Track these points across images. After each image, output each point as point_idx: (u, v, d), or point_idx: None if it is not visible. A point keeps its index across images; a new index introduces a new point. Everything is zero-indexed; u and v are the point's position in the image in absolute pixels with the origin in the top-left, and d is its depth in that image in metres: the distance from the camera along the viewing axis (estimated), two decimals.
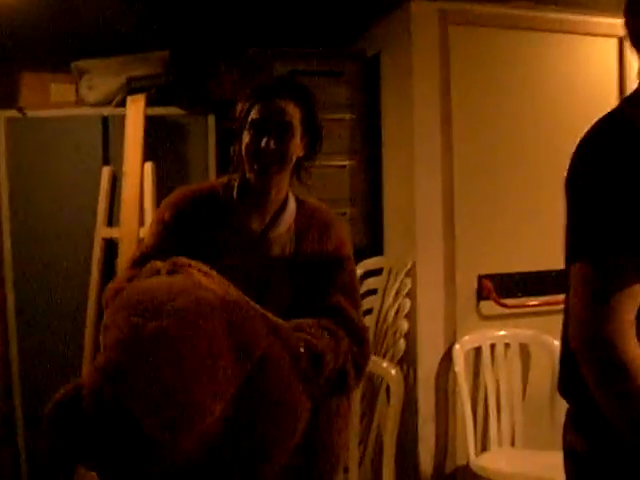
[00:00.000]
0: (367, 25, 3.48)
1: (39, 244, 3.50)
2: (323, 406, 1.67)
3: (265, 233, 1.80)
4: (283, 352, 1.54)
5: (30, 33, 3.46)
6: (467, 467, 3.15)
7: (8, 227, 3.53)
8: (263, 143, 1.71)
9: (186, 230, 1.78)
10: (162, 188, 3.25)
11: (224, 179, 1.88)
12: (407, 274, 3.14)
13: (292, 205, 1.86)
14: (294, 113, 1.74)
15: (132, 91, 3.49)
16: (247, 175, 1.78)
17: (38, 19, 3.34)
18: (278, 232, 1.82)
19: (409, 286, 3.13)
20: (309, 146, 1.83)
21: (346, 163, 3.45)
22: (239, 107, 1.79)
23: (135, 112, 3.34)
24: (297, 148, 1.78)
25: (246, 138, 1.74)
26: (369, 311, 3.33)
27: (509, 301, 3.26)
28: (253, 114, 1.74)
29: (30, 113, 3.54)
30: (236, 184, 1.83)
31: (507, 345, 3.27)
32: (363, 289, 3.37)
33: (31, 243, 3.50)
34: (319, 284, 1.79)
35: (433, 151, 3.17)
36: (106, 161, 3.51)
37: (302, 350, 1.58)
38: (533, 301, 3.27)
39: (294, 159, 1.79)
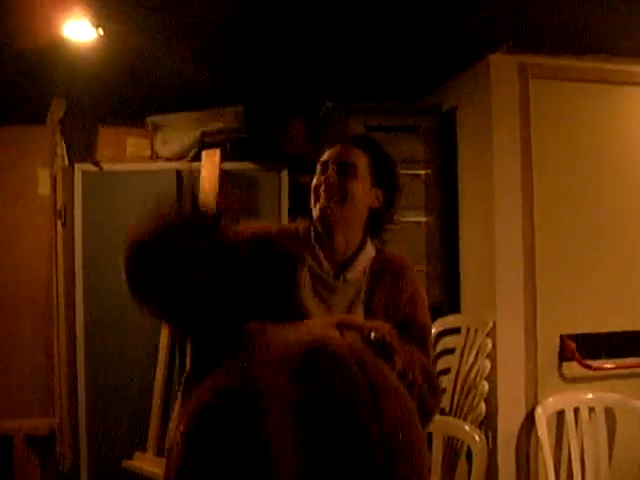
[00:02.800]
0: (443, 79, 3.46)
1: (111, 296, 3.50)
2: None
3: (340, 273, 1.79)
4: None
5: (107, 89, 3.53)
6: None
7: (80, 278, 3.55)
8: (324, 178, 1.77)
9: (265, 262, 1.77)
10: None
11: (306, 223, 1.88)
12: (487, 334, 3.03)
13: (369, 250, 1.84)
14: (359, 157, 1.79)
15: (206, 146, 3.52)
16: (313, 213, 1.80)
17: (114, 76, 3.41)
18: (354, 274, 1.80)
19: (490, 346, 3.02)
20: (386, 199, 1.84)
21: (422, 219, 3.40)
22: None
23: (210, 166, 3.35)
24: (365, 195, 1.78)
25: (314, 180, 1.81)
26: (446, 371, 3.23)
27: (593, 362, 3.12)
28: (322, 158, 1.82)
29: (106, 167, 3.59)
30: (312, 228, 1.85)
31: (592, 409, 3.11)
32: (439, 348, 3.29)
33: (103, 295, 3.51)
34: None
35: (514, 206, 3.09)
36: None
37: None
38: (619, 363, 3.12)
39: (361, 206, 1.80)
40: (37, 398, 3.57)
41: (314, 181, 1.81)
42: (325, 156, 1.81)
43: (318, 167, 1.82)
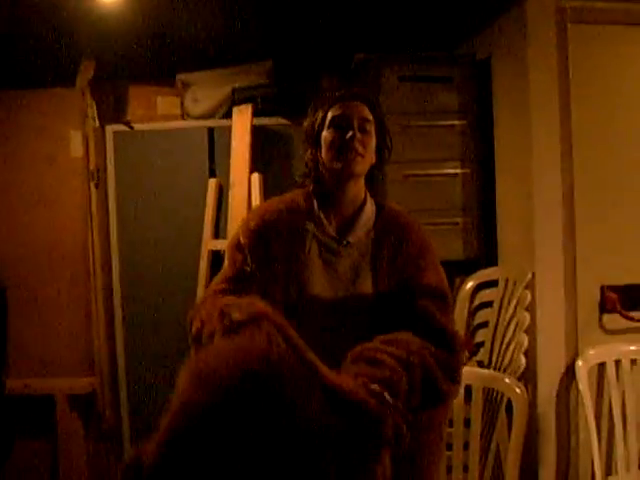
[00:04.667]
0: (477, 27, 3.36)
1: (146, 256, 3.53)
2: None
3: (343, 237, 1.80)
4: None
5: (135, 48, 3.50)
6: None
7: (115, 239, 3.58)
8: (348, 135, 1.74)
9: (267, 245, 1.79)
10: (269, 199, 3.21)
11: (306, 188, 1.89)
12: (526, 286, 2.98)
13: (370, 209, 1.85)
14: (370, 114, 1.80)
15: (237, 102, 3.48)
16: (333, 165, 1.77)
17: (143, 34, 3.37)
18: (357, 237, 1.81)
19: (529, 298, 2.97)
20: (379, 155, 1.85)
21: (458, 171, 3.33)
22: (311, 117, 1.84)
23: (241, 123, 3.32)
24: (372, 151, 1.81)
25: (329, 136, 1.77)
26: (484, 324, 3.19)
27: (636, 314, 3.05)
28: (333, 113, 1.78)
29: (137, 126, 3.59)
30: (314, 191, 1.86)
31: (634, 361, 3.05)
32: (477, 301, 3.26)
33: (138, 255, 3.53)
34: (403, 289, 1.76)
35: (552, 155, 3.00)
36: (212, 173, 3.51)
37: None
38: None
39: (369, 161, 1.82)
40: (77, 357, 3.63)
41: (329, 137, 1.77)
42: (340, 111, 1.77)
43: (330, 123, 1.77)
